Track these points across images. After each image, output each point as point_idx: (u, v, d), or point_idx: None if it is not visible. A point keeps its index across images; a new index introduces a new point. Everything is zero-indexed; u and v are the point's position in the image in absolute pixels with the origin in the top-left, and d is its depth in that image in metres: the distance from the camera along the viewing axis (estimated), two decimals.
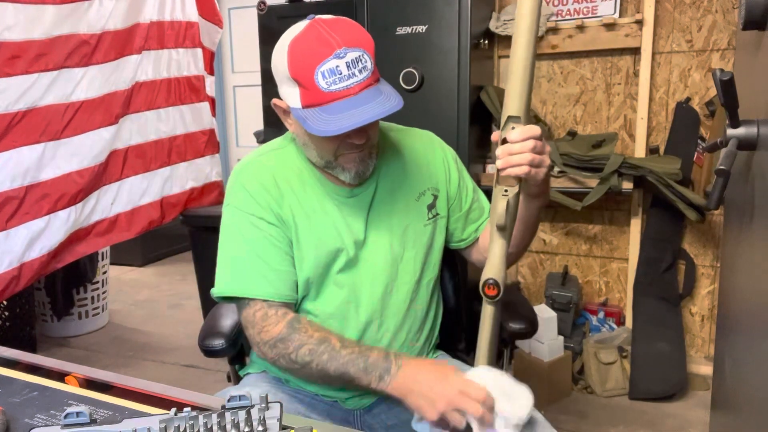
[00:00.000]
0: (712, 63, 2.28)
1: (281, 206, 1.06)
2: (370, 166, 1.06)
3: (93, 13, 2.22)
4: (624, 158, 2.17)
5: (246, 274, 1.05)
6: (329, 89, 0.94)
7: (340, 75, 0.93)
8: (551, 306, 2.39)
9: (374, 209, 1.11)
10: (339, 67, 0.93)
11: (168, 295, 3.69)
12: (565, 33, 2.40)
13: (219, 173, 2.92)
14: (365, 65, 0.95)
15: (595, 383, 2.31)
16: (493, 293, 0.96)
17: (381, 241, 1.10)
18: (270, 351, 1.03)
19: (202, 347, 1.22)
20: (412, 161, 1.16)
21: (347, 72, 0.94)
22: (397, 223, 1.11)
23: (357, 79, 0.94)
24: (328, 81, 0.94)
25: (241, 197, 1.07)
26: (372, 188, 1.11)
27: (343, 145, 1.01)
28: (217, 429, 0.71)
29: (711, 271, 2.39)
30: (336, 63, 0.93)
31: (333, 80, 0.93)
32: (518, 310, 1.27)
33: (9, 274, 1.99)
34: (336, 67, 0.93)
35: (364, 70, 0.95)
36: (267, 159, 1.11)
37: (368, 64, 0.96)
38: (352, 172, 1.04)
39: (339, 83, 0.93)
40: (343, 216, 1.08)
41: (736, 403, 1.27)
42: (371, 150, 1.06)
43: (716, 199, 1.08)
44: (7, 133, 1.98)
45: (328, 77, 0.93)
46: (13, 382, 0.90)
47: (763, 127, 1.02)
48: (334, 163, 1.04)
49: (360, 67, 0.94)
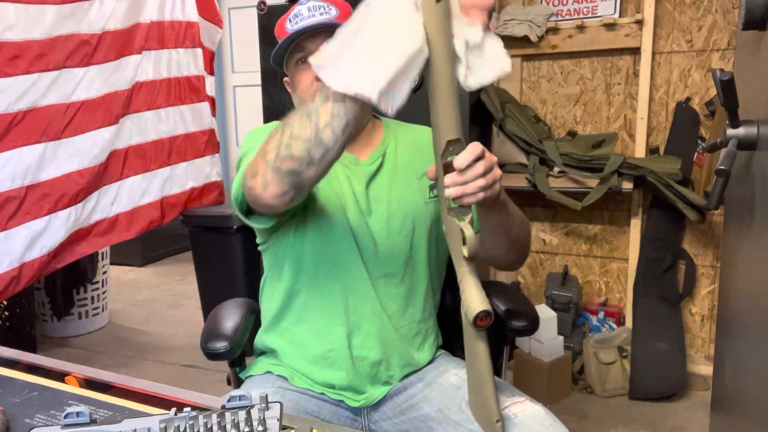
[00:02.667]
0: (712, 63, 2.28)
1: None
2: None
3: (93, 13, 2.23)
4: (624, 158, 2.17)
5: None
6: (292, 29, 1.09)
7: (301, 17, 1.09)
8: (551, 306, 2.39)
9: (376, 180, 1.15)
10: (300, 11, 1.10)
11: (168, 295, 3.69)
12: (565, 33, 2.40)
13: (219, 173, 2.92)
14: (327, 11, 1.09)
15: (595, 383, 2.31)
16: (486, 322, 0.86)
17: (379, 211, 1.12)
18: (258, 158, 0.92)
19: (205, 350, 1.21)
20: (419, 148, 1.18)
21: (307, 14, 1.09)
22: (396, 196, 1.14)
23: (316, 18, 1.08)
24: (292, 24, 1.10)
25: (265, 127, 1.16)
26: (377, 163, 1.15)
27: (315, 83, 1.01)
28: (217, 429, 0.71)
29: (711, 271, 2.39)
30: (299, 8, 1.11)
31: (295, 22, 1.10)
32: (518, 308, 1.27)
33: (9, 274, 1.99)
34: (298, 12, 1.10)
35: (325, 13, 1.09)
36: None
37: (332, 11, 1.09)
38: None
39: (300, 23, 1.09)
40: (347, 176, 1.13)
41: (736, 403, 1.27)
42: None
43: (716, 199, 1.08)
44: (8, 133, 1.98)
45: (293, 21, 1.10)
46: (13, 382, 0.89)
47: (763, 127, 1.02)
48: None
49: (321, 11, 1.09)
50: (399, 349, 1.14)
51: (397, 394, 1.14)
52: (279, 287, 1.17)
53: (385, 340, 1.12)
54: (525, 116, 2.36)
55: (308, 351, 1.13)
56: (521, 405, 1.00)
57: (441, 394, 1.10)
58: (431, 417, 1.09)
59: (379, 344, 1.11)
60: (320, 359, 1.12)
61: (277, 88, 2.49)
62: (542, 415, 0.98)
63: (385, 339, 1.12)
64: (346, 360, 1.11)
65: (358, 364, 1.11)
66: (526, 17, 2.40)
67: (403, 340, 1.14)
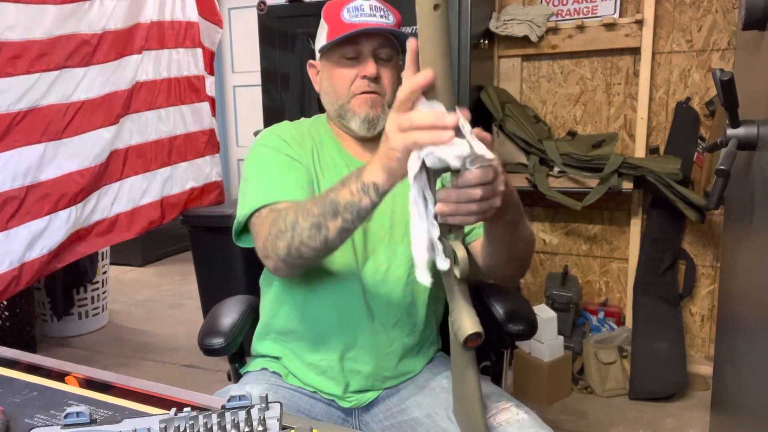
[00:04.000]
0: (712, 63, 2.28)
1: (306, 157, 1.11)
2: (381, 119, 1.09)
3: (94, 12, 2.23)
4: (624, 158, 2.17)
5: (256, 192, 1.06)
6: (350, 21, 1.05)
7: (362, 12, 1.05)
8: (551, 306, 2.38)
9: None
10: (362, 6, 1.06)
11: (168, 295, 3.69)
12: (565, 33, 2.40)
13: (219, 173, 2.92)
14: (387, 15, 1.07)
15: (595, 383, 2.31)
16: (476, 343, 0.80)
17: (381, 219, 1.10)
18: (269, 244, 0.95)
19: (201, 346, 1.22)
20: None
21: (369, 12, 1.06)
22: (400, 204, 1.11)
23: (377, 19, 1.05)
24: (351, 14, 1.05)
25: (270, 139, 1.13)
26: None
27: (358, 82, 1.07)
28: (217, 429, 0.71)
29: (711, 271, 2.39)
30: (361, 2, 1.06)
31: (355, 14, 1.05)
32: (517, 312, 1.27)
33: (9, 274, 1.99)
34: (360, 6, 1.06)
35: (385, 17, 1.06)
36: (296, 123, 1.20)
37: (390, 17, 1.07)
38: (362, 115, 1.08)
39: (360, 18, 1.05)
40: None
41: (736, 403, 1.27)
42: (382, 101, 1.09)
43: (716, 199, 1.08)
44: (8, 133, 1.98)
45: (352, 12, 1.06)
46: (13, 382, 0.89)
47: (763, 127, 1.02)
48: (347, 107, 1.09)
49: (382, 13, 1.06)
50: (394, 360, 1.12)
51: (389, 397, 1.14)
52: (269, 293, 1.18)
53: (381, 353, 1.10)
54: (525, 116, 2.36)
55: (301, 357, 1.13)
56: (507, 412, 0.98)
57: (432, 399, 1.10)
58: (420, 422, 1.08)
59: (374, 359, 1.10)
60: (312, 367, 1.12)
61: (277, 88, 2.49)
62: (527, 423, 0.96)
63: (381, 352, 1.10)
64: (337, 372, 1.11)
65: (351, 376, 1.11)
66: (526, 17, 2.40)
67: (400, 351, 1.12)
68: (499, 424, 0.96)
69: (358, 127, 1.09)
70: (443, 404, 1.07)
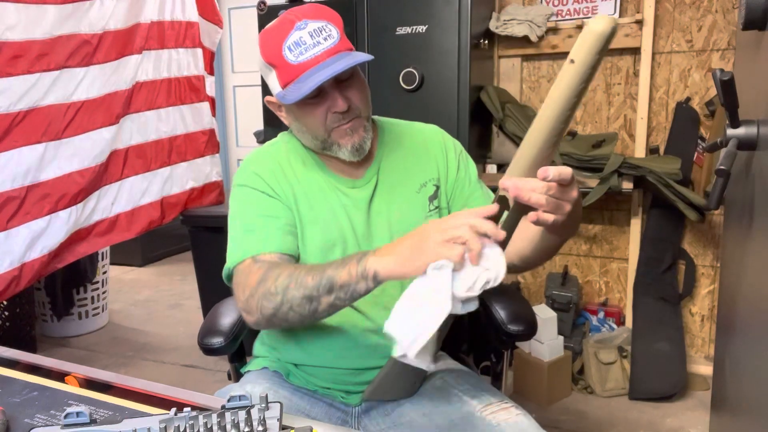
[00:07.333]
0: (712, 63, 2.28)
1: (285, 190, 1.08)
2: (367, 140, 1.06)
3: (94, 12, 2.23)
4: (624, 158, 2.17)
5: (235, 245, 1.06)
6: (297, 61, 0.97)
7: (305, 45, 0.97)
8: (551, 306, 2.38)
9: (375, 202, 1.11)
10: (302, 38, 0.97)
11: (168, 295, 3.69)
12: (565, 33, 2.40)
13: (219, 173, 2.92)
14: (330, 34, 0.98)
15: (595, 383, 2.31)
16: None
17: (381, 234, 1.10)
18: (254, 301, 0.96)
19: (201, 345, 1.23)
20: (413, 153, 1.16)
21: (311, 41, 0.97)
22: (397, 217, 1.11)
23: (323, 46, 0.97)
24: (294, 53, 0.97)
25: (250, 179, 1.10)
26: (373, 182, 1.12)
27: (331, 117, 1.02)
28: (217, 429, 0.71)
29: (711, 271, 2.39)
30: (299, 35, 0.97)
31: (299, 51, 0.97)
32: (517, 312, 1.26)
33: (10, 274, 1.99)
34: (300, 38, 0.97)
35: (329, 38, 0.98)
36: (273, 149, 1.16)
37: (333, 33, 0.99)
38: (348, 146, 1.04)
39: (306, 53, 0.97)
40: (343, 206, 1.09)
41: (736, 403, 1.27)
42: (362, 122, 1.05)
43: (716, 199, 1.08)
44: (9, 133, 1.98)
45: (294, 50, 0.97)
46: (13, 382, 0.90)
47: (763, 127, 1.02)
48: (329, 141, 1.05)
49: (324, 35, 0.98)
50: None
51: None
52: None
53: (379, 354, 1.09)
54: (525, 116, 2.36)
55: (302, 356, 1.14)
56: (506, 412, 0.98)
57: (429, 400, 1.10)
58: (417, 422, 1.08)
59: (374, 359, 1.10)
60: (313, 367, 1.13)
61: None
62: (524, 426, 0.96)
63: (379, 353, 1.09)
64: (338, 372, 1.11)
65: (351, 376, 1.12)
66: (526, 17, 2.40)
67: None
68: (498, 423, 0.97)
69: (348, 156, 1.06)
70: (438, 405, 1.07)
